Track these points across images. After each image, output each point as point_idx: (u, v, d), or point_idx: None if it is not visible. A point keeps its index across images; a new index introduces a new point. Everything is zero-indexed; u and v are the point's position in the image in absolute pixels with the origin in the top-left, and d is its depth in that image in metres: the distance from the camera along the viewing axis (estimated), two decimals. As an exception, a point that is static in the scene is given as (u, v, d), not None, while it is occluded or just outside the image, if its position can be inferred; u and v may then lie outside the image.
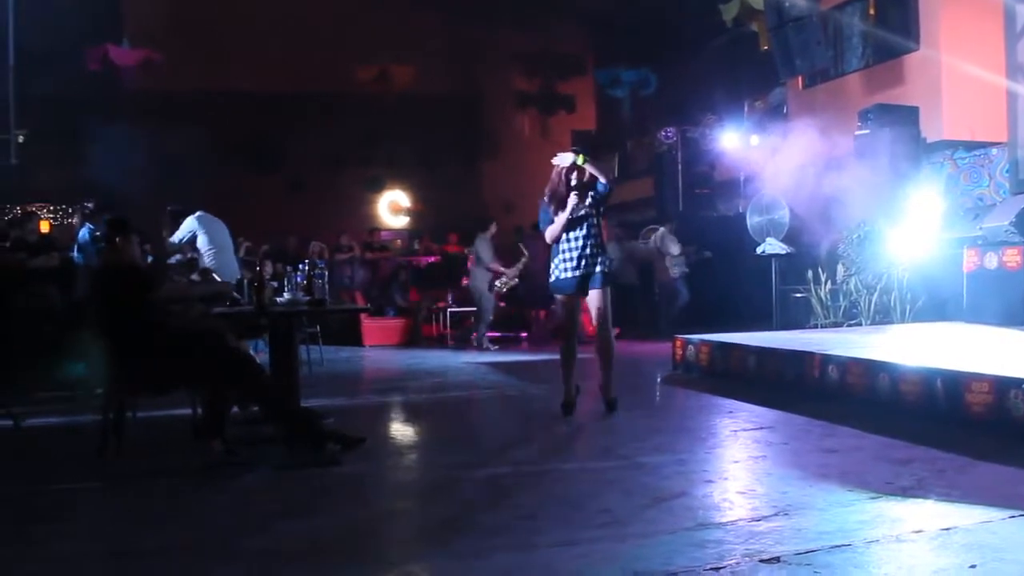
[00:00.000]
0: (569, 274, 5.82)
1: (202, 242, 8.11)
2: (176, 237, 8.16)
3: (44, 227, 10.91)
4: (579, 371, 6.00)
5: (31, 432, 5.94)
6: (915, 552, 2.97)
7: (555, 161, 5.85)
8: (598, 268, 5.79)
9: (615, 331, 6.54)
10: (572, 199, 5.75)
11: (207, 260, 8.05)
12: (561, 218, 5.80)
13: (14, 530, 3.61)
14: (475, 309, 12.05)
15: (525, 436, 5.36)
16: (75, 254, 8.45)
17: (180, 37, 15.67)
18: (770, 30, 12.26)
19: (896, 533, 3.15)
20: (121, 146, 15.45)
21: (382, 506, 3.89)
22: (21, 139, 15.04)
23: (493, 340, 12.01)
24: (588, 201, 5.82)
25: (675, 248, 12.36)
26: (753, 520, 3.38)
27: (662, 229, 12.61)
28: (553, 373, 6.18)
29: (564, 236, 5.81)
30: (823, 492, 3.72)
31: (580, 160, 5.79)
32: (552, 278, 5.88)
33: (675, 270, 12.41)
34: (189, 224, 8.22)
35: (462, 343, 12.40)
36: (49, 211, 14.21)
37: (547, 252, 5.99)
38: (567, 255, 5.83)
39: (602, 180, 5.79)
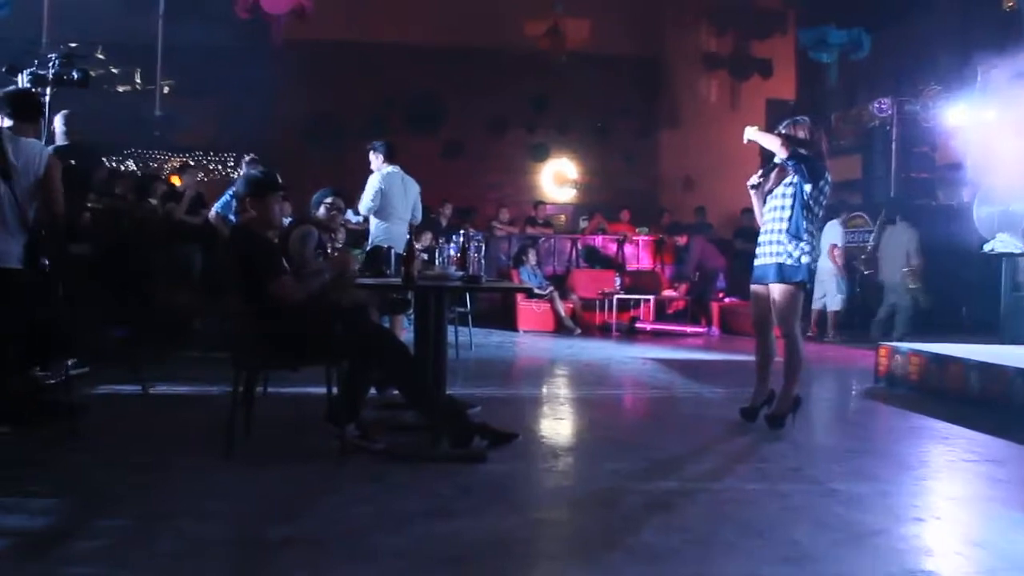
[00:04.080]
0: (757, 261, 5.80)
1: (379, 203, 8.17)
2: (365, 205, 8.19)
3: (176, 180, 11.49)
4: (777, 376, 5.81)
5: (159, 400, 6.20)
6: None
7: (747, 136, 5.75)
8: (773, 258, 5.65)
9: (808, 332, 6.28)
10: (753, 179, 5.86)
11: (379, 225, 8.17)
12: (754, 201, 5.95)
13: (135, 510, 3.74)
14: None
15: (698, 446, 5.23)
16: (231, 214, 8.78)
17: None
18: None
19: None
20: (269, 98, 16.08)
21: (531, 514, 3.82)
22: (167, 89, 15.87)
23: (662, 333, 11.84)
24: (772, 180, 5.80)
25: (915, 253, 11.67)
26: (977, 574, 3.12)
27: (900, 224, 11.96)
28: (734, 375, 6.01)
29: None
30: (1066, 544, 3.42)
31: (750, 133, 5.74)
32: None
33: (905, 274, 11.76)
34: (376, 181, 8.20)
35: (629, 334, 12.28)
36: (193, 163, 14.88)
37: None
38: (759, 240, 5.82)
39: (780, 153, 5.56)
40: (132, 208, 9.19)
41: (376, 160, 8.27)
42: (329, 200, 6.36)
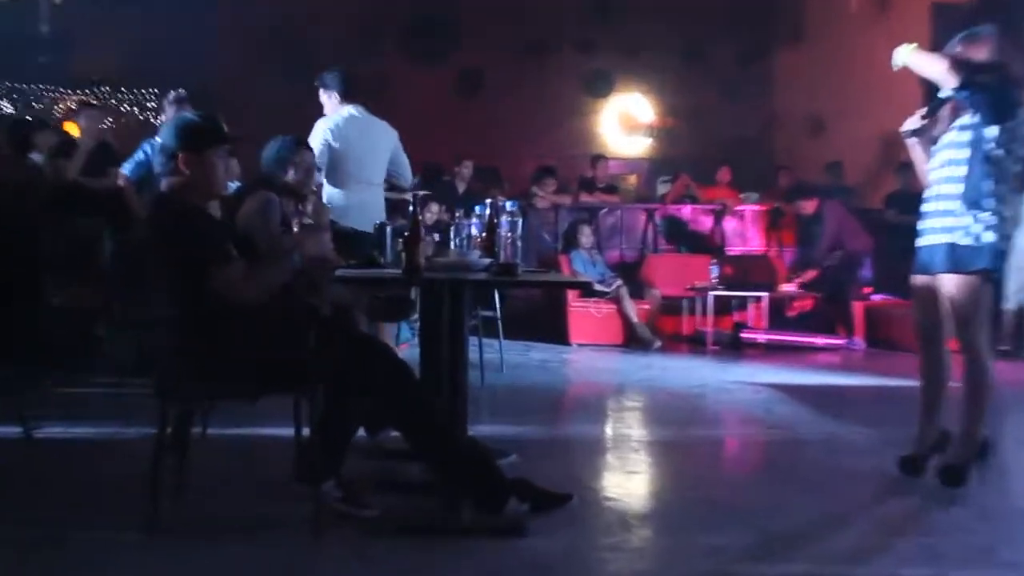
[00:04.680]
0: (921, 241, 5.76)
1: (327, 162, 8.05)
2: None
3: (72, 128, 11.52)
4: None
5: (50, 447, 6.24)
6: None
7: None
8: (943, 236, 5.57)
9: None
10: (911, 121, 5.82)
11: (333, 196, 8.07)
12: (915, 154, 5.92)
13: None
14: None
15: (836, 512, 5.21)
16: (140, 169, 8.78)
17: None
18: None
19: None
20: (208, 8, 16.12)
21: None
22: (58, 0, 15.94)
23: (780, 346, 11.79)
24: (941, 123, 5.73)
25: None
26: None
27: None
28: (887, 408, 5.96)
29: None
30: None
31: (903, 55, 5.64)
32: None
33: None
34: (321, 132, 8.03)
35: (732, 348, 12.27)
36: (97, 101, 14.94)
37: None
38: (923, 211, 5.76)
39: (948, 83, 5.48)
40: (7, 166, 9.22)
41: (329, 101, 8.17)
42: (296, 157, 6.33)
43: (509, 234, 5.44)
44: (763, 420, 7.99)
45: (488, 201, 6.00)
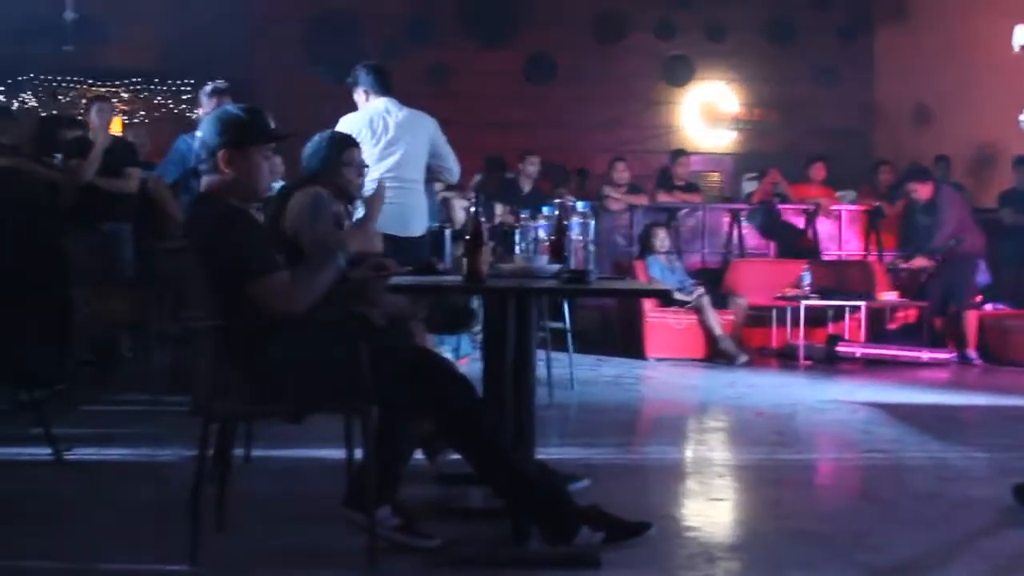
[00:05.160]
0: None
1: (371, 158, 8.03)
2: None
3: (117, 126, 11.59)
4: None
5: (81, 471, 6.31)
6: None
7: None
8: None
9: None
10: None
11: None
12: None
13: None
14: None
15: (945, 544, 5.18)
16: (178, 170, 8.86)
17: None
18: None
19: None
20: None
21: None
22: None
23: (881, 361, 11.72)
24: None
25: None
26: None
27: None
28: (1004, 431, 5.92)
29: None
30: None
31: None
32: None
33: None
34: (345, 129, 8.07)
35: (827, 363, 12.24)
36: (128, 94, 15.04)
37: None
38: None
39: None
40: (27, 167, 9.28)
41: (362, 99, 8.20)
42: (344, 154, 6.34)
43: (580, 237, 5.46)
44: (862, 443, 7.95)
45: (556, 201, 6.02)
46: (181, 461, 5.22)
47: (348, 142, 6.39)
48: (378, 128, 8.02)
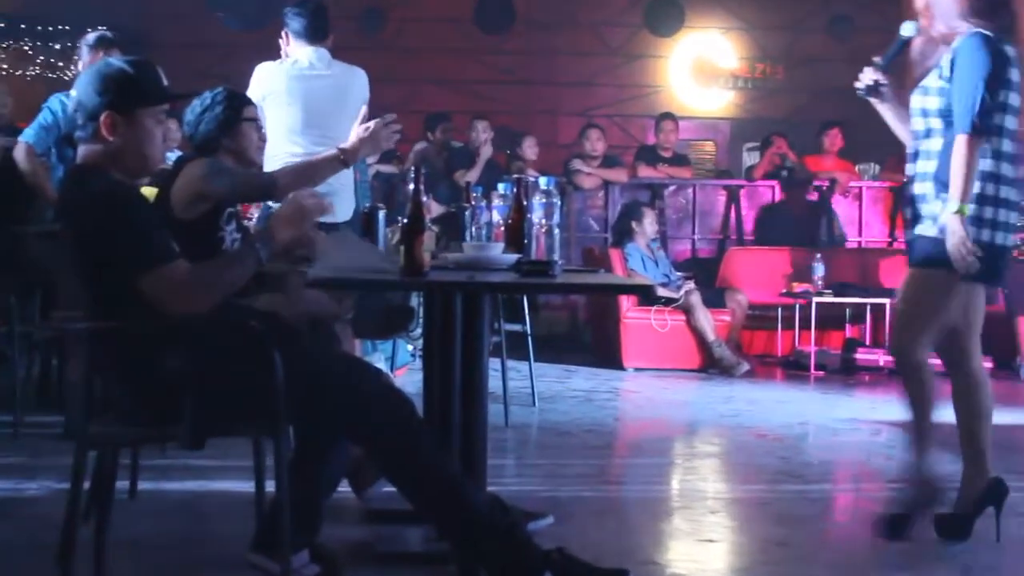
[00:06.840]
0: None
1: (279, 126, 7.98)
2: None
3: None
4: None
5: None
6: None
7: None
8: (917, 227, 6.01)
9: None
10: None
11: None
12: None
13: None
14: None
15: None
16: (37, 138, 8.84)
17: None
18: None
19: None
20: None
21: None
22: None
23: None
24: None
25: None
26: None
27: None
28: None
29: None
30: None
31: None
32: None
33: None
34: (257, 83, 7.99)
35: (843, 374, 12.29)
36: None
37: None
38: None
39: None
40: None
41: (284, 45, 8.11)
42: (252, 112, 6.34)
43: (543, 221, 5.46)
44: (885, 471, 7.90)
45: (514, 177, 6.03)
46: (49, 496, 5.18)
47: (244, 99, 6.36)
48: (300, 86, 7.95)
